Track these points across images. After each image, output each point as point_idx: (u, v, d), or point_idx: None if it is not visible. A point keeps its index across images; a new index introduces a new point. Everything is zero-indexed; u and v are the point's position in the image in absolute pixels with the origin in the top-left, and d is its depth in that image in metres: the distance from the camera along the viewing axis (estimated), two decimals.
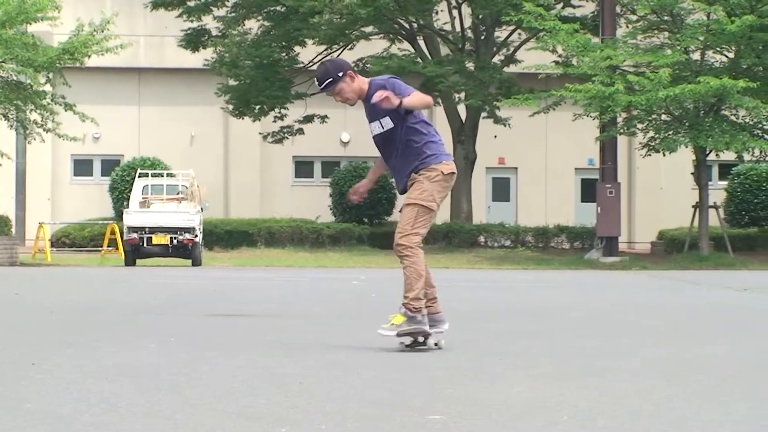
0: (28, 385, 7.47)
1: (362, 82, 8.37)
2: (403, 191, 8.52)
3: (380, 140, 8.59)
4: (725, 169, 46.48)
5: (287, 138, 43.43)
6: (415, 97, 8.31)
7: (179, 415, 6.16)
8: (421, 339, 8.63)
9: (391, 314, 8.62)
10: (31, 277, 26.62)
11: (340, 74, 8.02)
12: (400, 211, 8.70)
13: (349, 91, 8.18)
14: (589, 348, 10.33)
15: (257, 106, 42.28)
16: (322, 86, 8.24)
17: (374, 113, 8.45)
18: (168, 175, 40.15)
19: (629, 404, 6.81)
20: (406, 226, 8.41)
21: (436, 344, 8.88)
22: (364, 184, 9.06)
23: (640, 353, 9.97)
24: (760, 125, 37.94)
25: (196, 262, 34.53)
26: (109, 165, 48.47)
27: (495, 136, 44.11)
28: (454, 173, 8.69)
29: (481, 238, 41.78)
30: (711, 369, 8.69)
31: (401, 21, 41.62)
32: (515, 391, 7.27)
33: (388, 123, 8.37)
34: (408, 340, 8.73)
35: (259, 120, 43.37)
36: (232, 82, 42.76)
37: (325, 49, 41.68)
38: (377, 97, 8.08)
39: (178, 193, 37.48)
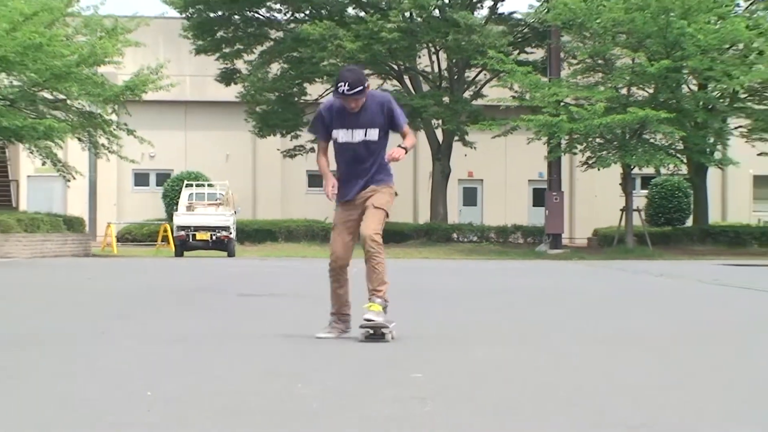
0: (99, 348, 7.52)
1: (368, 91, 7.24)
2: (349, 201, 7.42)
3: (352, 149, 7.40)
4: (646, 180, 46.49)
5: (301, 155, 43.35)
6: (410, 141, 7.52)
7: (217, 371, 6.21)
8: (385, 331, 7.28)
9: (365, 304, 7.33)
10: (101, 265, 26.58)
11: (367, 84, 7.05)
12: (333, 225, 7.69)
13: (361, 101, 7.09)
14: (540, 320, 10.37)
15: (276, 129, 42.29)
16: (354, 92, 7.00)
17: (363, 122, 7.28)
18: (208, 185, 40.07)
19: (571, 362, 6.88)
20: (378, 226, 7.39)
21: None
22: (333, 182, 7.56)
23: (578, 323, 10.02)
24: (673, 146, 37.98)
25: (231, 254, 34.56)
26: (162, 177, 48.37)
27: (465, 155, 44.04)
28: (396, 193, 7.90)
29: (455, 235, 41.70)
30: (633, 336, 8.74)
31: (392, 64, 41.62)
32: (480, 354, 7.32)
33: (374, 135, 7.28)
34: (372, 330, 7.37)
35: (281, 134, 43.23)
36: (257, 110, 42.74)
37: (331, 85, 41.63)
38: (398, 155, 7.28)
39: (216, 200, 37.48)
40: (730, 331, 9.43)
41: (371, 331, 7.00)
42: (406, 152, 7.36)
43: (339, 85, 6.87)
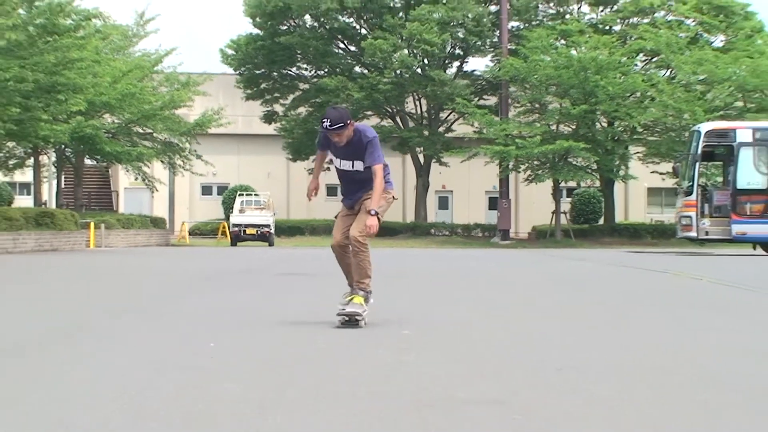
0: (174, 314, 7.55)
1: (352, 128, 6.32)
2: (350, 207, 6.55)
3: (346, 174, 6.57)
4: (570, 191, 46.58)
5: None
6: (377, 181, 6.26)
7: (260, 335, 6.23)
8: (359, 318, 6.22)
9: (348, 295, 6.36)
10: (177, 252, 26.61)
11: (348, 122, 6.15)
12: (335, 217, 6.73)
13: (345, 135, 6.19)
14: (496, 294, 10.39)
15: (304, 155, 42.40)
16: (335, 127, 6.13)
17: (350, 154, 6.39)
18: (254, 195, 40.26)
19: (521, 326, 6.89)
20: (363, 228, 6.29)
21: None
22: (315, 184, 6.97)
23: (524, 296, 10.04)
24: (589, 166, 38.08)
25: (271, 244, 34.73)
26: (221, 189, 48.43)
27: (440, 173, 44.10)
28: (395, 198, 6.80)
29: (432, 230, 41.75)
30: (557, 304, 8.78)
31: (387, 107, 41.66)
32: (456, 315, 7.35)
33: (359, 166, 6.40)
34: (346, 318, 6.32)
35: (308, 158, 43.26)
36: (290, 141, 42.83)
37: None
38: (370, 228, 6.18)
39: (260, 205, 37.68)
40: (623, 300, 9.48)
41: (347, 319, 6.13)
42: (377, 214, 6.20)
43: (323, 120, 6.16)
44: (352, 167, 6.41)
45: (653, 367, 4.70)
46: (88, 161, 37.20)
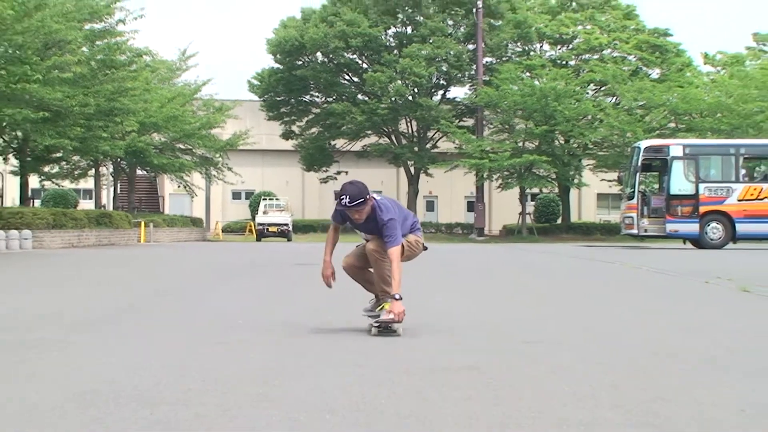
0: (209, 296, 7.57)
1: (370, 203, 4.93)
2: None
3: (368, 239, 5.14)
4: (534, 196, 46.38)
5: (330, 181, 43.33)
6: (394, 264, 4.86)
7: (280, 314, 6.24)
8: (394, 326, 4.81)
9: (375, 303, 5.15)
10: (212, 246, 26.62)
11: (367, 197, 4.82)
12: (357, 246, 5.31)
13: (366, 212, 4.86)
14: (476, 279, 10.41)
15: (316, 166, 42.42)
16: (354, 204, 4.82)
17: (370, 229, 5.01)
18: (276, 199, 40.18)
19: (494, 306, 6.90)
20: (377, 247, 5.00)
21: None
22: (330, 268, 5.22)
23: (493, 282, 10.07)
24: (549, 176, 38.04)
25: (289, 240, 34.58)
26: (248, 194, 48.30)
27: (427, 181, 44.05)
28: (425, 247, 5.40)
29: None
30: (525, 288, 8.79)
31: (384, 128, 41.56)
32: (439, 300, 7.37)
33: (376, 234, 5.02)
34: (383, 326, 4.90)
35: (319, 170, 43.26)
36: (304, 155, 42.80)
37: (348, 141, 41.83)
38: (398, 316, 4.72)
39: (280, 208, 37.62)
40: (579, 285, 9.51)
41: (382, 327, 4.80)
42: (401, 299, 4.80)
43: (342, 197, 4.88)
44: (370, 235, 5.09)
45: (605, 341, 4.72)
46: (139, 171, 37.15)
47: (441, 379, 3.45)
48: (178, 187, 38.41)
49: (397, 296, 4.79)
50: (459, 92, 42.66)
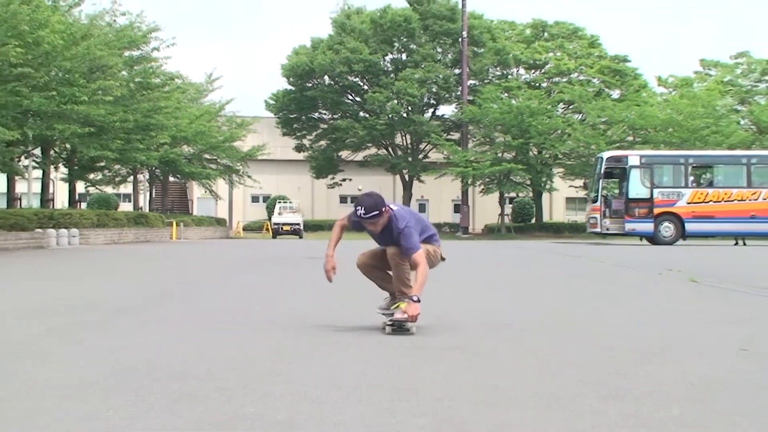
0: (233, 284, 7.54)
1: (387, 214, 4.29)
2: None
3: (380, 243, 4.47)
4: (512, 199, 46.37)
5: (336, 186, 43.35)
6: (419, 271, 4.22)
7: (294, 301, 6.20)
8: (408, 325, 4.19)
9: (390, 302, 4.50)
10: (234, 243, 26.57)
11: (383, 209, 4.20)
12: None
13: (381, 224, 4.25)
14: (462, 271, 10.39)
15: (324, 174, 42.37)
16: (369, 216, 4.20)
17: (386, 240, 4.36)
18: (289, 202, 40.09)
19: (477, 294, 6.87)
20: (396, 250, 4.31)
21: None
22: (332, 263, 4.68)
23: (476, 273, 10.04)
24: (525, 182, 37.91)
25: (301, 237, 34.36)
26: (265, 198, 48.14)
27: (420, 187, 44.05)
28: (437, 251, 4.64)
29: None
30: (503, 278, 8.76)
31: (382, 141, 41.54)
32: (429, 288, 7.34)
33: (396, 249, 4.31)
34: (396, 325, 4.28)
35: (327, 177, 43.23)
36: (314, 165, 42.76)
37: (351, 152, 41.84)
38: (413, 318, 4.10)
39: (293, 209, 37.52)
40: (551, 275, 9.50)
41: (396, 326, 4.17)
42: (419, 301, 4.18)
43: (357, 208, 4.25)
44: (387, 245, 4.39)
45: (573, 325, 4.72)
46: (171, 178, 37.08)
47: (431, 357, 3.45)
48: (205, 192, 38.35)
49: (415, 298, 4.16)
50: (447, 110, 42.64)
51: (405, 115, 39.88)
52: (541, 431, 2.20)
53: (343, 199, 48.53)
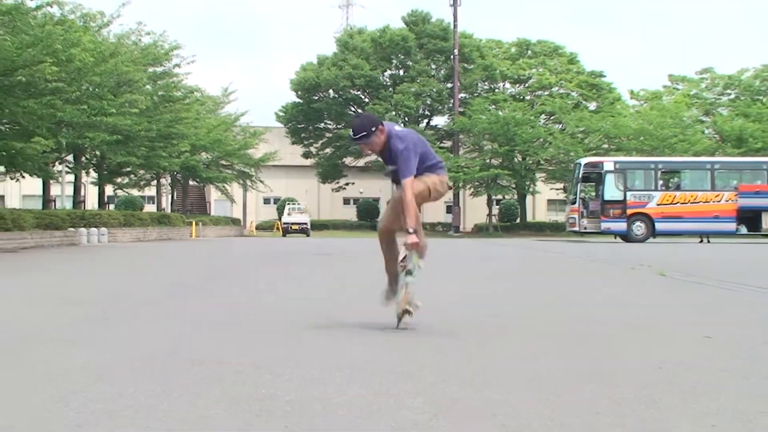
0: (244, 279, 7.54)
1: (384, 134, 3.71)
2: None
3: (394, 171, 3.68)
4: (498, 201, 46.33)
5: (340, 190, 43.35)
6: (412, 220, 3.70)
7: (302, 292, 6.19)
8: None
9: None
10: (248, 241, 26.55)
11: (373, 129, 3.62)
12: (387, 203, 4.07)
13: (377, 143, 3.66)
14: (454, 264, 10.38)
15: (329, 179, 42.36)
16: (356, 137, 3.63)
17: (387, 160, 3.75)
18: (297, 204, 40.05)
19: (468, 287, 6.86)
20: (407, 220, 3.76)
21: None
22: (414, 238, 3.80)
23: (468, 267, 10.04)
24: (511, 186, 38.02)
25: (308, 236, 34.20)
26: (276, 200, 48.07)
27: None
28: (450, 186, 4.10)
29: None
30: (494, 272, 8.75)
31: None
32: (424, 280, 7.33)
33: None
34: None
35: (332, 181, 43.21)
36: (320, 170, 42.75)
37: (354, 159, 41.78)
38: (411, 246, 3.78)
39: (301, 210, 37.47)
40: (535, 270, 9.50)
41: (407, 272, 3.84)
42: (415, 232, 3.76)
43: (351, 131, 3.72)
44: (392, 169, 3.80)
45: (555, 314, 4.72)
46: (191, 182, 37.03)
47: (425, 344, 3.45)
48: (221, 194, 38.35)
49: (410, 230, 3.66)
50: (440, 120, 42.64)
51: (402, 125, 39.88)
52: (525, 408, 2.22)
53: (346, 201, 48.46)
